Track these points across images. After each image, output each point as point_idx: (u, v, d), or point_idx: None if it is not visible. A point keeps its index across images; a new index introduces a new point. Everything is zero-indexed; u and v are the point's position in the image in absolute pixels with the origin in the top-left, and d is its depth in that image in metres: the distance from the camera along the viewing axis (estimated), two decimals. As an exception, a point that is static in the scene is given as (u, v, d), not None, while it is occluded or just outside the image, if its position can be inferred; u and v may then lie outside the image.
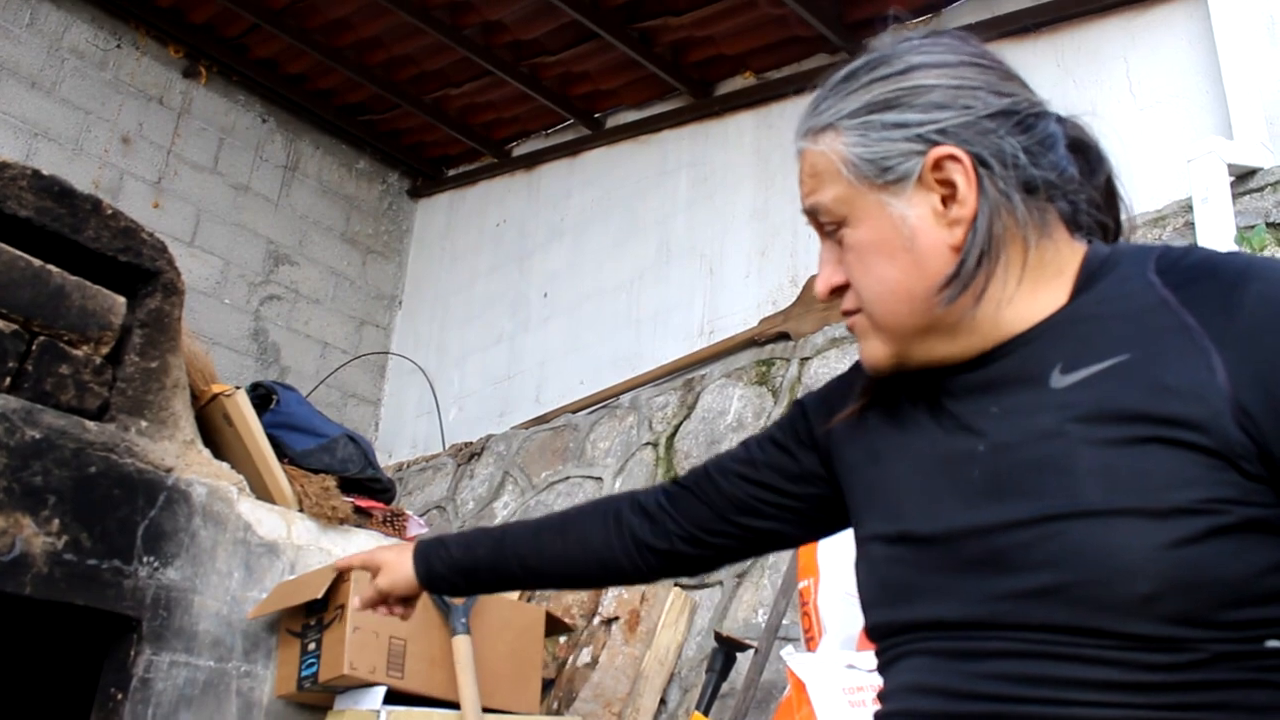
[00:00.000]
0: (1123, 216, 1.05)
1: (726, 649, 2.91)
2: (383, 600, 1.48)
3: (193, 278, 4.40)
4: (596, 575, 1.36)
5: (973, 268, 0.94)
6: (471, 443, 4.62)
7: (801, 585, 2.63)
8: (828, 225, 1.01)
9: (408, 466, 4.87)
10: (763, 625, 2.96)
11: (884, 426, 1.06)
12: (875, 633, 1.02)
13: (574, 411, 4.37)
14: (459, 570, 1.41)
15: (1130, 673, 0.84)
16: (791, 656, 2.54)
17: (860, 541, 1.06)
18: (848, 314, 1.03)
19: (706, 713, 2.77)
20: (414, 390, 5.32)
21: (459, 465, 4.55)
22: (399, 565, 1.44)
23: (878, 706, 1.02)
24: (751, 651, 2.87)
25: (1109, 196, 1.05)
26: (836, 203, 0.99)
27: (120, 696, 2.59)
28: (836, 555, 2.51)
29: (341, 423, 3.92)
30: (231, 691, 2.75)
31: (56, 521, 2.53)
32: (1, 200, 2.63)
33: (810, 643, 2.54)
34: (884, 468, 1.05)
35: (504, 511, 4.18)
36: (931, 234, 0.95)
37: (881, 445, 1.06)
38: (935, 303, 0.95)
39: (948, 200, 0.95)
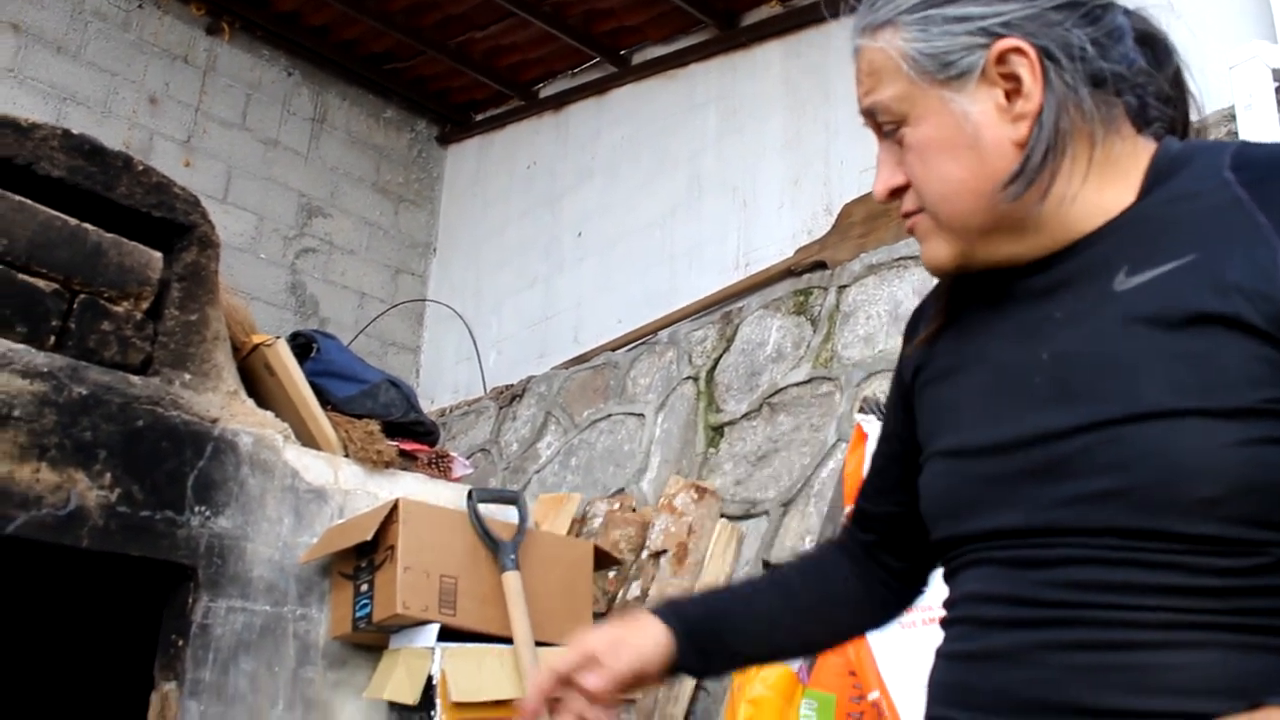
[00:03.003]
0: (1192, 112, 1.02)
1: (774, 577, 2.92)
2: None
3: (227, 234, 4.42)
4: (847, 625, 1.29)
5: (1038, 163, 0.92)
6: (512, 385, 4.64)
7: (847, 511, 2.62)
8: (887, 125, 0.99)
9: (450, 411, 4.90)
10: (809, 552, 2.97)
11: (954, 343, 1.05)
12: (941, 547, 1.02)
13: (613, 350, 4.37)
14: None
15: (1194, 577, 0.82)
16: (839, 581, 2.54)
17: (925, 460, 1.05)
18: (908, 215, 1.01)
19: (757, 640, 2.78)
20: (452, 336, 5.34)
21: (501, 408, 4.57)
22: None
23: (934, 623, 1.01)
24: (799, 578, 2.88)
25: (1178, 90, 1.02)
26: (896, 101, 0.97)
27: (181, 643, 2.65)
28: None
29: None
30: (288, 634, 2.80)
31: (108, 475, 2.57)
32: (34, 161, 2.65)
33: (858, 566, 2.54)
34: (951, 384, 1.04)
35: (548, 451, 4.20)
36: (995, 130, 0.93)
37: (950, 363, 1.05)
38: (999, 199, 0.93)
39: (1012, 95, 0.93)
